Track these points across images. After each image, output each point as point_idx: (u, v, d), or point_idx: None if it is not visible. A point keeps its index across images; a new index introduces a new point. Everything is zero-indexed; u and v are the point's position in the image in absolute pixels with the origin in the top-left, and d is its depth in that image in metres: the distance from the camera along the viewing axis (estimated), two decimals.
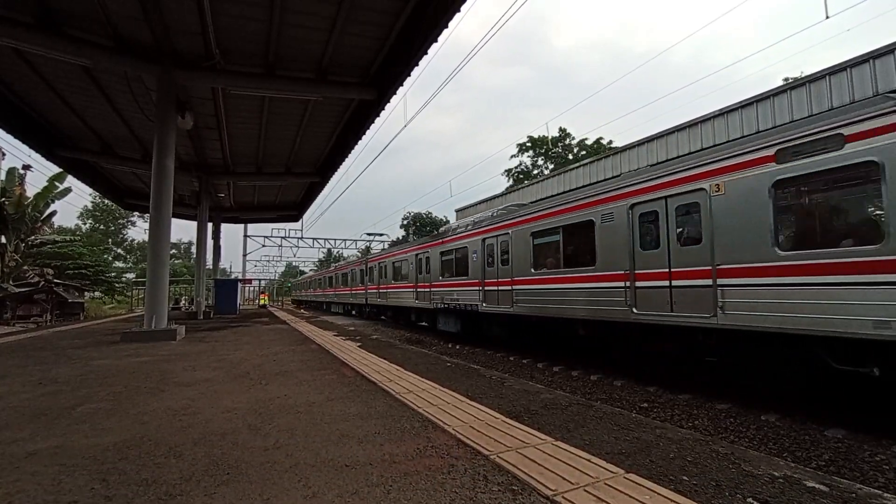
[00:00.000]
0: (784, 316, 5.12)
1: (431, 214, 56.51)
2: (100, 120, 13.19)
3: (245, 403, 4.03)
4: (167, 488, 2.32)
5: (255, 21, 8.70)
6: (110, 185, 20.23)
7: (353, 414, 3.68)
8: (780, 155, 5.32)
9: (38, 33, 8.43)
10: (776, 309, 5.20)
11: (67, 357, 7.10)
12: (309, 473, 2.49)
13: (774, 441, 4.82)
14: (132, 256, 57.59)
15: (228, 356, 7.03)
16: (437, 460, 2.67)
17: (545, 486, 2.29)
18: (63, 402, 4.12)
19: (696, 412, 5.85)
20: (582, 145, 39.90)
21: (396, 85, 10.66)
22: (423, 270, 15.44)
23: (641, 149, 15.95)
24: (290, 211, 26.33)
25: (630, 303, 7.14)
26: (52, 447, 2.95)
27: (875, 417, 5.07)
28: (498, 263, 10.84)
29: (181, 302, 30.30)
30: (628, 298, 7.17)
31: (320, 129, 14.28)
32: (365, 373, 5.47)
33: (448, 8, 8.23)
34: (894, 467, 4.05)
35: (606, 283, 7.62)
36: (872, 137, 4.58)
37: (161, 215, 9.82)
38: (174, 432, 3.23)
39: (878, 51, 9.86)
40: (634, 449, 2.89)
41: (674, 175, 6.67)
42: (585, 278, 8.10)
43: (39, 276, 23.57)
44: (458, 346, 12.54)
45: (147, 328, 9.29)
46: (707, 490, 2.28)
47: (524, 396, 4.36)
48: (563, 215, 8.82)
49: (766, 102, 12.00)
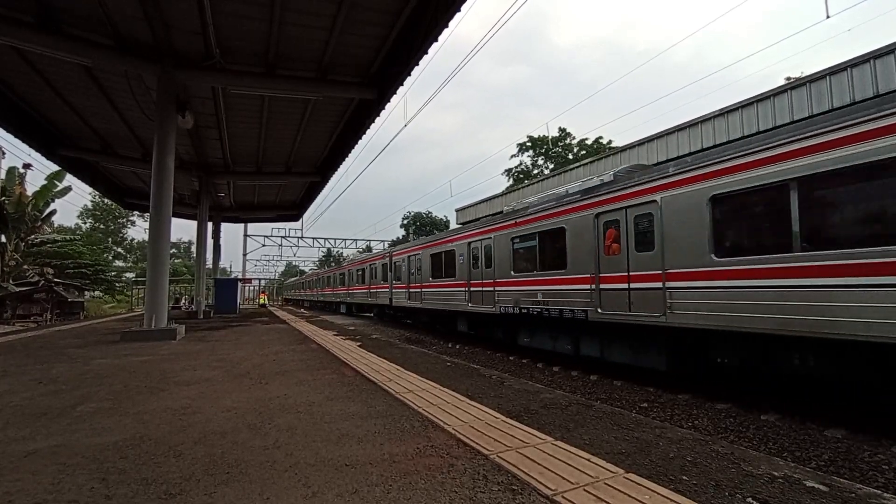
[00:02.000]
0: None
1: (431, 214, 56.58)
2: (100, 119, 13.18)
3: (245, 403, 4.03)
4: (167, 487, 2.32)
5: (255, 20, 8.69)
6: (110, 184, 20.22)
7: (353, 413, 3.68)
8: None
9: (38, 33, 8.42)
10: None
11: (67, 356, 7.10)
12: (309, 473, 2.49)
13: (774, 441, 4.82)
14: (132, 256, 57.62)
15: (228, 355, 7.03)
16: (436, 460, 2.67)
17: (545, 485, 2.29)
18: (63, 402, 4.12)
19: (695, 412, 5.86)
20: (582, 145, 39.92)
21: (397, 84, 10.64)
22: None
23: (641, 149, 15.94)
24: (290, 210, 26.34)
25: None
26: (52, 446, 2.95)
27: (874, 418, 5.07)
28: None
29: (181, 301, 30.29)
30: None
31: (320, 129, 14.27)
32: (365, 372, 5.47)
33: (449, 7, 8.22)
34: (894, 467, 4.05)
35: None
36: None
37: (161, 215, 9.82)
38: (174, 432, 3.23)
39: (879, 51, 9.85)
40: (634, 449, 2.89)
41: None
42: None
43: (39, 275, 23.58)
44: (457, 346, 12.55)
45: (147, 327, 9.28)
46: (707, 490, 2.28)
47: (524, 396, 4.36)
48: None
49: (766, 102, 11.98)
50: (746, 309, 5.57)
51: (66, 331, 12.23)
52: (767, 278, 5.40)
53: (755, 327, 5.46)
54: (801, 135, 5.23)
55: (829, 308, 4.82)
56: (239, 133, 14.39)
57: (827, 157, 4.95)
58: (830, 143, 4.96)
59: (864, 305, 4.54)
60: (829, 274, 4.87)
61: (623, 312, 7.35)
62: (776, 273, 5.33)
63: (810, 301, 4.99)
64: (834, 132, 4.93)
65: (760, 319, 5.40)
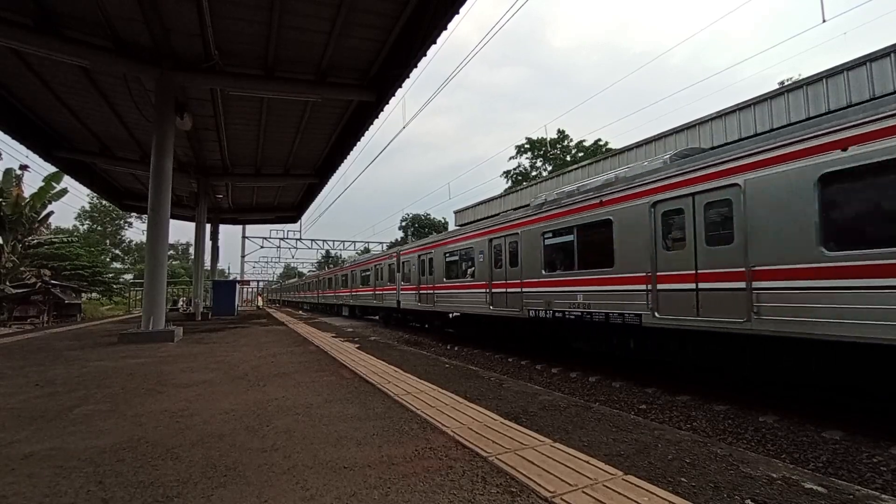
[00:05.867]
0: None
1: (430, 216, 56.68)
2: (98, 121, 13.17)
3: (243, 405, 4.02)
4: (164, 490, 2.31)
5: (254, 23, 8.71)
6: (108, 186, 20.19)
7: (352, 415, 3.67)
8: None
9: (36, 34, 8.42)
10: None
11: (64, 358, 7.06)
12: (307, 475, 2.48)
13: (772, 442, 4.82)
14: (130, 257, 57.47)
15: (226, 357, 7.01)
16: (435, 462, 2.66)
17: (544, 487, 2.28)
18: (60, 404, 4.10)
19: (694, 414, 5.86)
20: (580, 147, 40.04)
21: (395, 86, 10.67)
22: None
23: (640, 150, 16.00)
24: (289, 212, 26.33)
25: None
26: (49, 449, 2.94)
27: (872, 419, 5.08)
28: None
29: (179, 303, 30.21)
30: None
31: (319, 131, 14.28)
32: (363, 374, 5.46)
33: (447, 9, 8.25)
34: (892, 469, 4.06)
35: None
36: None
37: (159, 216, 9.80)
38: (171, 434, 3.22)
39: (875, 54, 9.92)
40: (633, 450, 2.89)
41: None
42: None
43: (36, 276, 23.46)
44: (456, 348, 12.54)
45: (145, 329, 9.26)
46: (705, 492, 2.28)
47: (523, 398, 4.36)
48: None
49: (763, 105, 12.06)
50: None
51: (64, 333, 12.17)
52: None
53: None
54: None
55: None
56: (237, 135, 14.40)
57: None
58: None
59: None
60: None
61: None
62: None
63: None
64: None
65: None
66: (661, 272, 6.78)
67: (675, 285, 6.55)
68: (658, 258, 6.83)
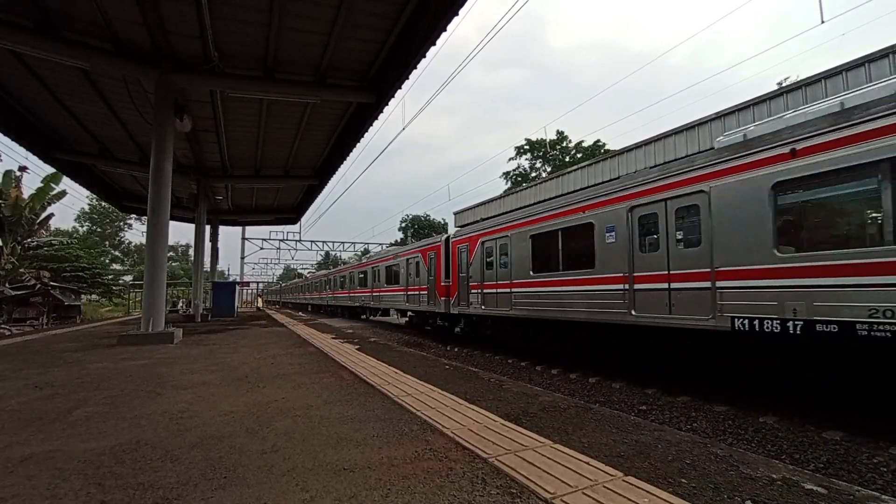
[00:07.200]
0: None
1: (430, 217, 56.72)
2: (97, 123, 13.16)
3: (243, 407, 4.02)
4: (164, 492, 2.30)
5: (253, 25, 8.72)
6: (108, 187, 20.18)
7: (351, 417, 3.67)
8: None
9: (36, 36, 8.43)
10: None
11: (64, 360, 7.05)
12: (307, 477, 2.48)
13: (773, 443, 4.82)
14: (129, 259, 57.46)
15: (226, 359, 7.00)
16: (435, 463, 2.66)
17: (544, 488, 2.28)
18: (59, 406, 4.10)
19: (694, 414, 5.86)
20: (579, 148, 40.10)
21: (395, 88, 10.68)
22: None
23: (639, 152, 15.99)
24: (289, 213, 26.33)
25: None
26: (48, 451, 2.93)
27: (873, 419, 5.08)
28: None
29: (179, 305, 30.18)
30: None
31: (319, 132, 14.29)
32: (363, 375, 5.46)
33: (447, 11, 8.26)
34: (892, 469, 4.05)
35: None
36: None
37: (159, 218, 9.80)
38: (171, 436, 3.22)
39: (873, 55, 9.94)
40: (633, 451, 2.89)
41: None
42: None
43: (36, 278, 23.46)
44: (456, 349, 12.53)
45: (144, 331, 9.25)
46: (705, 493, 2.28)
47: (523, 399, 4.35)
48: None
49: (762, 106, 12.06)
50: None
51: (63, 335, 12.16)
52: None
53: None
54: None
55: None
56: (237, 136, 14.40)
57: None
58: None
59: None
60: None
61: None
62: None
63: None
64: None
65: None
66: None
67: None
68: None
